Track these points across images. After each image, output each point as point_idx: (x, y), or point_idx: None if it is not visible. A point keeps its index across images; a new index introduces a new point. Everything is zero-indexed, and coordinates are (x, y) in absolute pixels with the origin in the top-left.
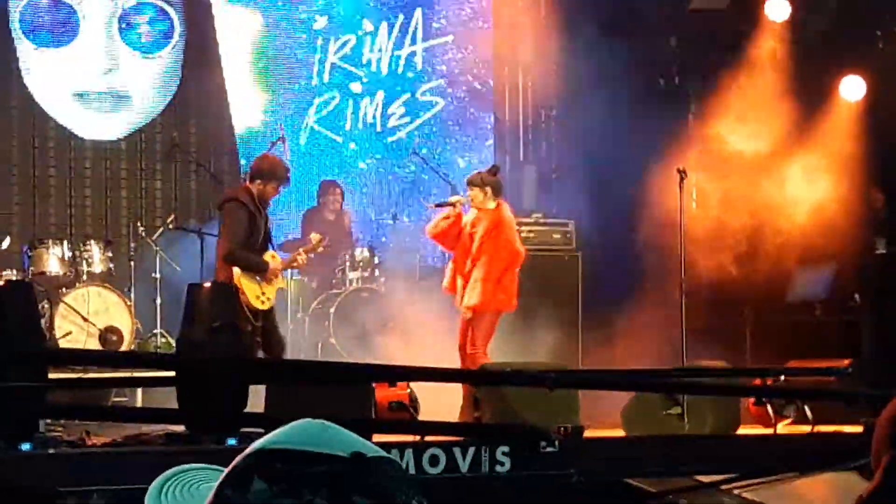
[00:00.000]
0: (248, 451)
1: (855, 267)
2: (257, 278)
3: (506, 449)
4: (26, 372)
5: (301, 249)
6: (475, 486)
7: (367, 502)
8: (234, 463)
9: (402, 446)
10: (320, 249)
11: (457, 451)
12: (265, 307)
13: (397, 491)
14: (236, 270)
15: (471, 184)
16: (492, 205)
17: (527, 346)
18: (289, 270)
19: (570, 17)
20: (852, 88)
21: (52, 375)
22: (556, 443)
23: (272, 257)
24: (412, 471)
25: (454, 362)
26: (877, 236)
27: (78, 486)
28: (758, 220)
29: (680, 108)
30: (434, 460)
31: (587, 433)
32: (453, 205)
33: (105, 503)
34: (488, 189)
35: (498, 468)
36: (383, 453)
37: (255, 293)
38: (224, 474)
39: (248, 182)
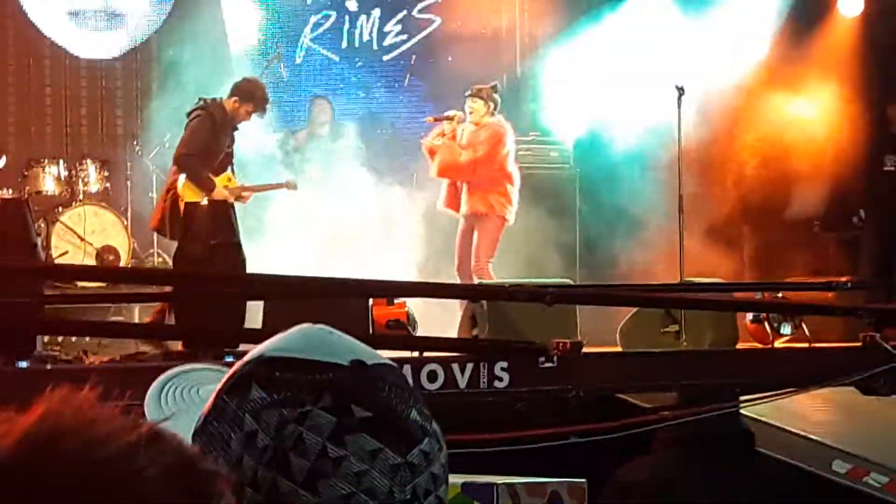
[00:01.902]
0: (247, 357)
1: (860, 184)
2: (200, 192)
3: (504, 364)
4: (23, 288)
5: (267, 184)
6: (473, 401)
7: (366, 412)
8: (233, 369)
9: (400, 362)
10: (285, 189)
11: (455, 367)
12: None
13: (396, 399)
14: (181, 177)
15: (473, 95)
16: (489, 118)
17: (524, 264)
18: None
19: None
20: (850, 3)
21: (48, 293)
22: (555, 358)
23: (227, 179)
24: None
25: (450, 279)
26: (885, 153)
27: None
28: (757, 136)
29: (676, 21)
30: (432, 376)
31: (586, 349)
32: (451, 119)
33: None
34: (491, 104)
35: (496, 384)
36: (385, 360)
37: None
38: (223, 381)
39: (225, 97)
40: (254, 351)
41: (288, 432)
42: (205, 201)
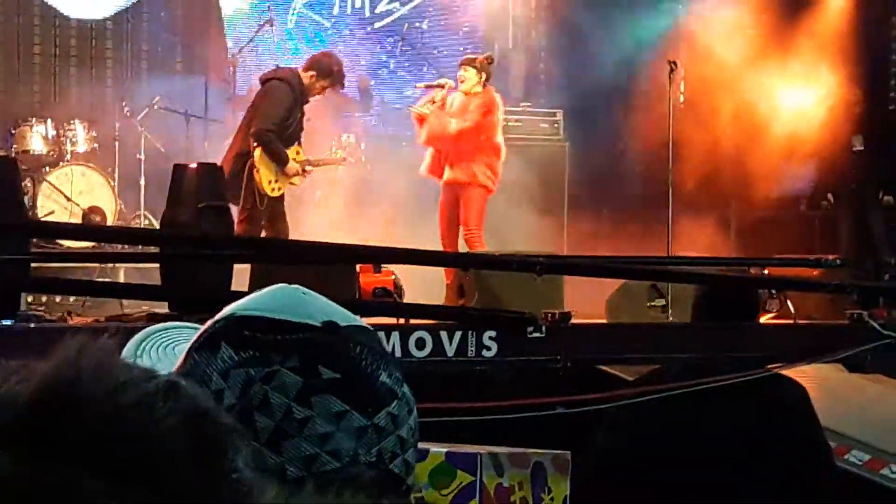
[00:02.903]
0: (218, 315)
1: (833, 164)
2: (274, 166)
3: (492, 333)
4: (8, 245)
5: (328, 159)
6: (461, 369)
7: (334, 374)
8: (204, 327)
9: (387, 328)
10: (342, 164)
11: (443, 335)
12: (275, 195)
13: (367, 361)
14: (258, 151)
15: (467, 64)
16: (480, 88)
17: (512, 235)
18: None
19: None
20: None
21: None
22: (543, 328)
23: (296, 153)
24: (398, 353)
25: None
26: (854, 134)
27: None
28: (746, 115)
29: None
30: (420, 343)
31: (574, 320)
32: (441, 86)
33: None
34: (483, 75)
35: (484, 352)
36: (359, 322)
37: (268, 178)
38: (194, 338)
39: (301, 70)
40: (225, 309)
41: (254, 392)
42: (194, 164)
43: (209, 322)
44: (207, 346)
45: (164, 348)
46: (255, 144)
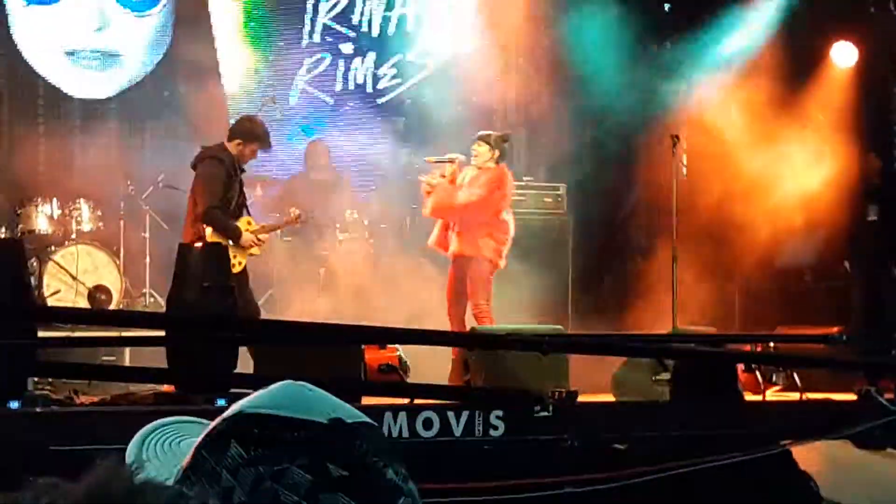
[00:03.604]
0: (226, 413)
1: (846, 234)
2: (229, 242)
3: (500, 413)
4: (15, 330)
5: (281, 222)
6: (469, 449)
7: (343, 471)
8: (212, 425)
9: (395, 409)
10: (298, 224)
11: (450, 415)
12: (236, 271)
13: (374, 458)
14: (208, 231)
15: (482, 140)
16: (492, 164)
17: (517, 309)
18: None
19: None
20: (844, 54)
21: (41, 334)
22: (550, 407)
23: (248, 223)
24: (406, 434)
25: (441, 322)
26: (869, 203)
27: (66, 445)
28: (749, 186)
29: (672, 73)
30: (428, 423)
31: (581, 398)
32: (452, 161)
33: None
34: (496, 151)
35: (492, 432)
36: (364, 419)
37: None
38: (202, 436)
39: (226, 141)
40: (233, 407)
41: (264, 490)
42: (199, 244)
43: (217, 419)
44: (216, 443)
45: (168, 444)
46: (204, 227)
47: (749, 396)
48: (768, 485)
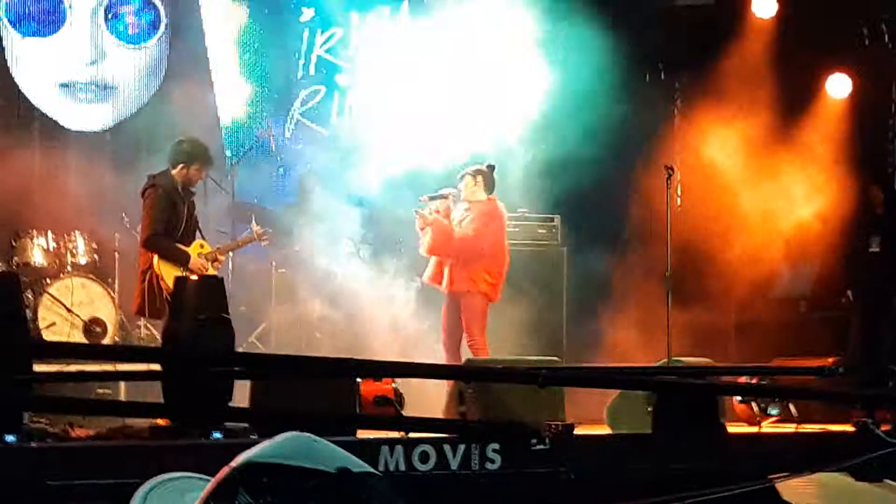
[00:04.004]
0: (234, 463)
1: (846, 264)
2: (177, 267)
3: (496, 446)
4: (10, 364)
5: (237, 240)
6: (465, 483)
7: None
8: (220, 475)
9: (391, 442)
10: (264, 243)
11: (447, 448)
12: None
13: None
14: (155, 257)
15: (469, 175)
16: (483, 196)
17: (511, 341)
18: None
19: (556, 11)
20: (839, 86)
21: (36, 368)
22: (547, 440)
23: (200, 246)
24: (402, 467)
25: (436, 354)
26: (871, 234)
27: (62, 480)
28: (744, 217)
29: (666, 104)
30: (424, 457)
31: (577, 430)
32: (445, 196)
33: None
34: (480, 180)
35: (488, 465)
36: (369, 469)
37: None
38: (210, 486)
39: (169, 168)
40: (240, 456)
41: None
42: (194, 276)
43: (225, 469)
44: (225, 491)
45: (172, 497)
46: (152, 255)
47: (745, 428)
48: None
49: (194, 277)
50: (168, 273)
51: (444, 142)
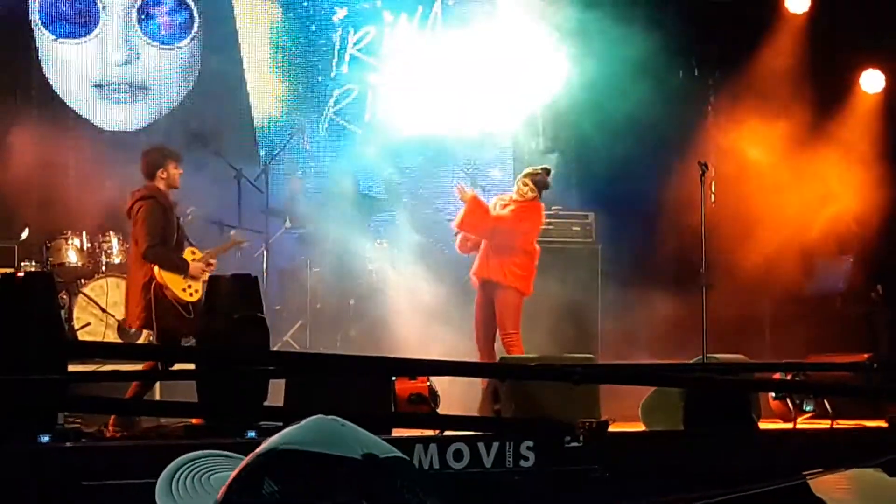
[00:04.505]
0: (259, 450)
1: (878, 259)
2: (178, 275)
3: (530, 444)
4: (46, 364)
5: (222, 245)
6: (500, 480)
7: None
8: (245, 461)
9: (425, 440)
10: (244, 245)
11: (481, 446)
12: (194, 299)
13: (408, 493)
14: (156, 270)
15: (527, 177)
16: (531, 195)
17: (546, 338)
18: None
19: (590, 9)
20: (872, 81)
21: (71, 368)
22: (581, 438)
23: (192, 253)
24: (436, 465)
25: (471, 351)
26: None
27: (97, 479)
28: (778, 213)
29: (700, 100)
30: (458, 455)
31: (611, 427)
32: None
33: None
34: (531, 184)
35: (522, 463)
36: (397, 453)
37: (180, 286)
38: (235, 473)
39: (150, 181)
40: (266, 443)
41: None
42: (229, 274)
43: (250, 456)
44: (250, 479)
45: (199, 478)
46: (151, 266)
47: (779, 425)
48: None
49: (228, 275)
50: (172, 282)
51: (478, 136)
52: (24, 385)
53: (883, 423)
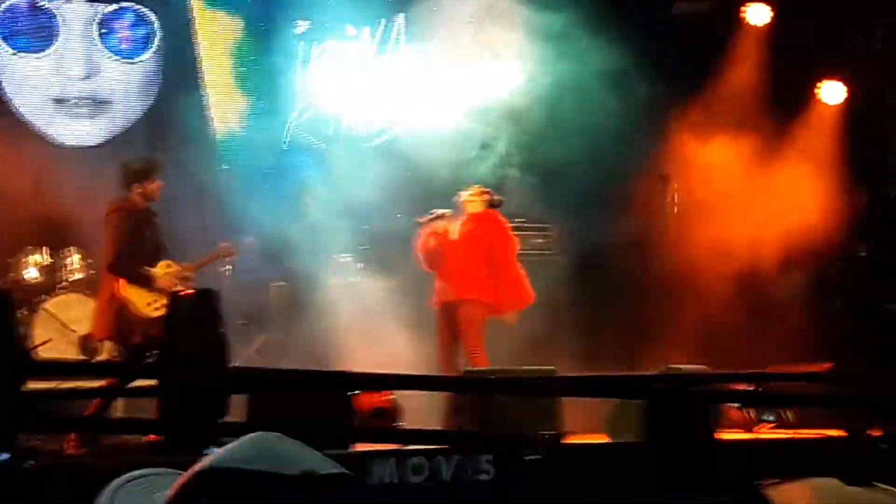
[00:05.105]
0: (197, 467)
1: (836, 270)
2: (143, 289)
3: (489, 457)
4: (4, 383)
5: (203, 258)
6: (458, 494)
7: None
8: (181, 480)
9: (384, 454)
10: (229, 259)
11: (440, 460)
12: (158, 314)
13: None
14: (121, 282)
15: (468, 193)
16: (481, 208)
17: (507, 350)
18: None
19: (552, 19)
20: (832, 92)
21: (30, 385)
22: (539, 450)
23: (167, 266)
24: (395, 479)
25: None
26: (860, 240)
27: (58, 499)
28: (739, 224)
29: (660, 112)
30: (417, 469)
31: (570, 439)
32: (442, 216)
33: None
34: (484, 198)
35: (482, 476)
36: (337, 470)
37: (144, 301)
38: (173, 490)
39: (126, 191)
40: (204, 460)
41: None
42: (190, 290)
43: (187, 473)
44: (187, 498)
45: (140, 495)
46: (117, 279)
47: (739, 435)
48: None
49: (189, 292)
50: (137, 296)
51: (440, 153)
52: None
53: (841, 433)
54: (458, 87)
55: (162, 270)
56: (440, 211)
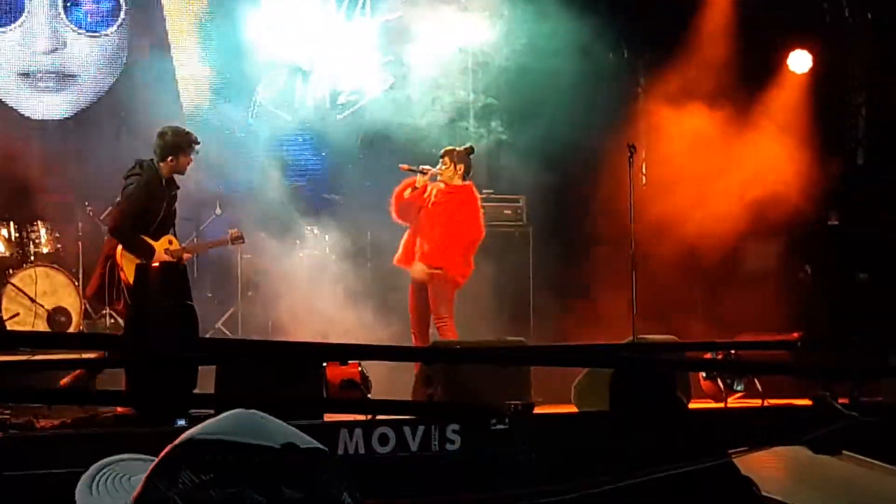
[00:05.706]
0: (177, 441)
1: (806, 239)
2: (140, 260)
3: (456, 427)
4: None
5: (209, 242)
6: (425, 464)
7: (297, 494)
8: (163, 453)
9: (351, 425)
10: (237, 245)
11: (406, 430)
12: None
13: (329, 483)
14: (118, 249)
15: (446, 156)
16: (459, 182)
17: (479, 322)
18: None
19: None
20: (799, 61)
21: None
22: (507, 420)
23: (168, 242)
24: (361, 450)
25: (404, 337)
26: (829, 208)
27: (26, 470)
28: (708, 194)
29: (629, 82)
30: (383, 439)
31: (538, 409)
32: (424, 172)
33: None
34: (461, 167)
35: (448, 446)
36: (317, 445)
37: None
38: (153, 465)
39: (158, 161)
40: (184, 435)
41: None
42: (156, 263)
43: (168, 448)
44: (168, 470)
45: (118, 480)
46: (115, 244)
47: (709, 404)
48: (709, 493)
49: (156, 265)
50: (129, 265)
51: (409, 121)
52: None
53: (810, 402)
54: (425, 59)
55: (163, 245)
56: (425, 167)
